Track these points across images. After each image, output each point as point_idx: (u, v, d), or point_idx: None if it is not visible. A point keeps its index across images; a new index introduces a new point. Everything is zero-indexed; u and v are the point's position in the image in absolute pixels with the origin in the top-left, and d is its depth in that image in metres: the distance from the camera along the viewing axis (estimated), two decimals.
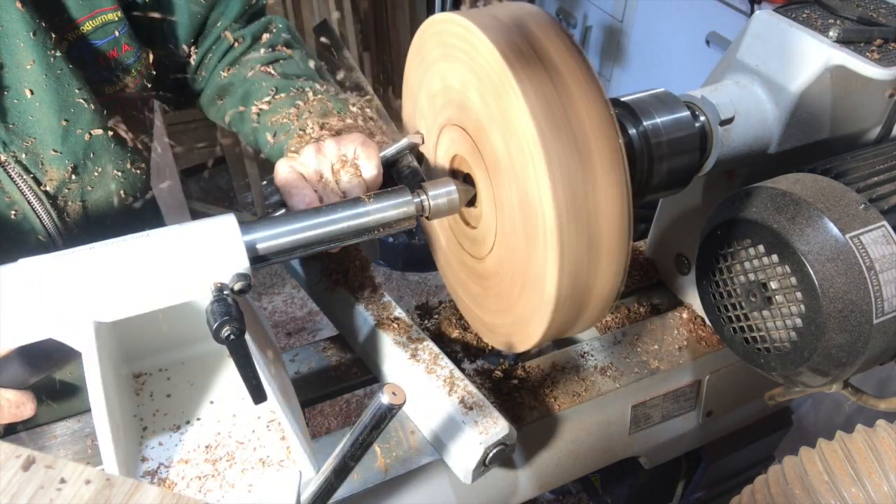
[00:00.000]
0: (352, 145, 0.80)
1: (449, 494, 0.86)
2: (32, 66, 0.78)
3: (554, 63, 0.62)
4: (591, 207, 0.61)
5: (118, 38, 0.87)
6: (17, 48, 0.77)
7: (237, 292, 0.63)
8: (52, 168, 0.83)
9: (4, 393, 0.65)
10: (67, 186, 0.85)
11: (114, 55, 0.87)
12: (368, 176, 0.80)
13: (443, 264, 0.93)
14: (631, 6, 2.99)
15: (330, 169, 0.79)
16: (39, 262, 0.60)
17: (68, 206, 0.87)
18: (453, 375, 0.84)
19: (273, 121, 0.90)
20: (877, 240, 0.70)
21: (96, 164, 0.87)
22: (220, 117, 1.02)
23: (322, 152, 0.80)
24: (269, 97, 0.92)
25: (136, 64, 0.90)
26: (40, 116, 0.80)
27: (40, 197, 0.83)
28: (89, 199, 0.89)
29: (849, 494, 0.67)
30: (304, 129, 0.86)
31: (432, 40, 0.75)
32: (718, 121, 0.82)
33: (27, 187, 0.82)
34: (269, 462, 0.69)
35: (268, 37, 1.01)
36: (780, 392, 0.92)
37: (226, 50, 1.00)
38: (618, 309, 1.11)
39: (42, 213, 0.85)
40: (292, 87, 0.93)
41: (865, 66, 0.79)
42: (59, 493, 0.41)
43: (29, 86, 0.78)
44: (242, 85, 0.96)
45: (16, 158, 0.80)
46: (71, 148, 0.83)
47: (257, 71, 0.96)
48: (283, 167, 0.79)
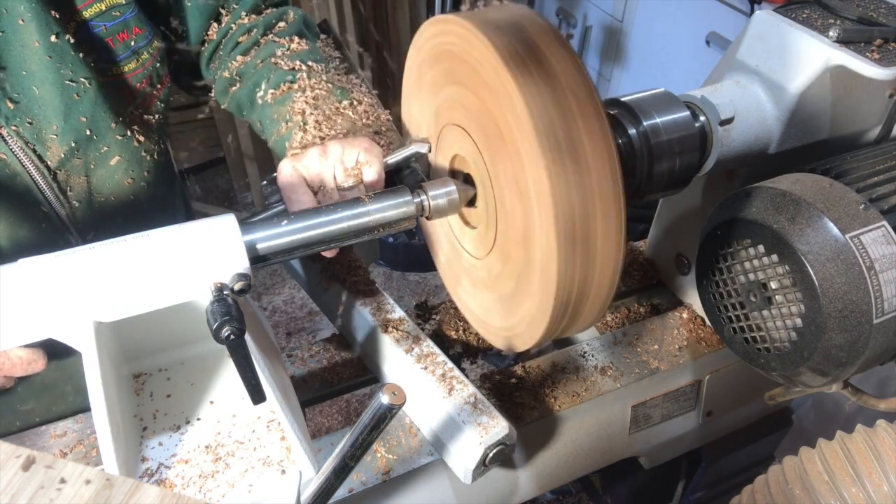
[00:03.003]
0: (356, 150, 0.80)
1: (449, 494, 0.86)
2: (37, 45, 0.79)
3: (552, 65, 0.62)
4: (587, 208, 0.61)
5: (127, 20, 0.88)
6: (21, 27, 0.78)
7: (237, 292, 0.63)
8: (55, 144, 0.85)
9: (17, 350, 0.67)
10: (69, 162, 0.87)
11: (123, 38, 0.88)
12: (369, 181, 0.80)
13: (442, 264, 0.93)
14: (631, 6, 2.99)
15: (332, 173, 0.79)
16: (39, 262, 0.60)
17: (71, 181, 0.89)
18: (453, 375, 0.84)
19: (279, 112, 0.91)
20: (877, 240, 0.70)
21: (100, 143, 0.89)
22: (233, 106, 1.03)
23: (326, 155, 0.80)
24: (278, 88, 0.92)
25: (146, 47, 0.92)
26: (43, 93, 0.82)
27: (42, 171, 0.85)
28: (93, 177, 0.91)
29: (849, 494, 0.67)
30: (306, 124, 0.86)
31: (432, 41, 0.75)
32: (718, 121, 0.82)
33: (29, 161, 0.84)
34: (268, 462, 0.69)
35: (282, 26, 1.01)
36: (780, 392, 0.92)
37: (239, 38, 1.00)
38: (618, 309, 1.11)
39: (45, 186, 0.87)
40: (301, 78, 0.93)
41: (865, 66, 0.79)
42: (59, 493, 0.41)
43: (32, 64, 0.80)
44: (253, 75, 0.97)
45: (18, 133, 0.82)
46: (73, 125, 0.85)
47: (268, 61, 0.96)
48: (286, 167, 0.80)
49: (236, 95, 1.00)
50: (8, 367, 0.67)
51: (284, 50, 0.97)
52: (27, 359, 0.68)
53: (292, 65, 0.94)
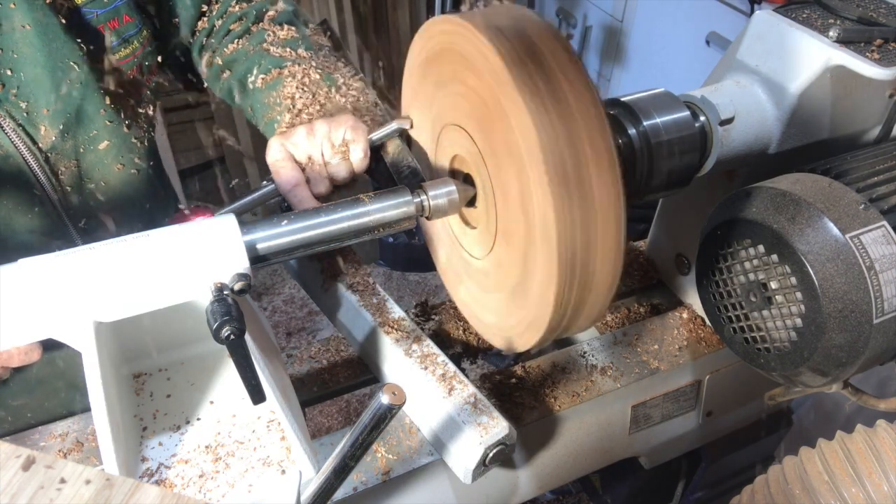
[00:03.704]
0: (342, 128, 0.84)
1: (449, 494, 0.86)
2: (26, 29, 0.81)
3: (551, 65, 0.62)
4: (588, 208, 0.61)
5: (118, 8, 0.90)
6: (11, 11, 0.80)
7: (237, 292, 0.63)
8: (45, 126, 0.86)
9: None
10: (60, 145, 0.88)
11: (114, 25, 0.90)
12: (356, 159, 0.84)
13: (442, 264, 0.93)
14: (631, 6, 2.99)
15: (320, 150, 0.83)
16: (39, 262, 0.60)
17: (61, 164, 0.90)
18: (453, 375, 0.84)
19: (270, 98, 0.94)
20: (877, 240, 0.70)
21: (89, 128, 0.90)
22: (225, 92, 1.05)
23: (313, 133, 0.84)
24: (268, 74, 0.95)
25: (136, 36, 0.94)
26: (34, 75, 0.83)
27: (34, 152, 0.87)
28: (83, 160, 0.92)
29: (849, 494, 0.67)
30: (295, 106, 0.89)
31: (432, 42, 0.75)
32: (718, 121, 0.82)
33: (21, 142, 0.85)
34: (268, 462, 0.69)
35: (273, 14, 1.03)
36: (780, 392, 0.92)
37: (230, 26, 1.02)
38: (618, 309, 1.11)
39: (37, 168, 0.88)
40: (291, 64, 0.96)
41: (865, 66, 0.79)
42: (59, 493, 0.41)
43: (23, 46, 0.82)
44: (245, 61, 0.99)
45: (9, 113, 0.84)
46: (62, 108, 0.87)
47: (259, 48, 0.99)
48: (274, 145, 0.84)
49: (228, 82, 1.02)
50: (5, 358, 0.68)
51: (275, 37, 1.00)
52: (24, 349, 0.68)
53: (283, 52, 0.97)
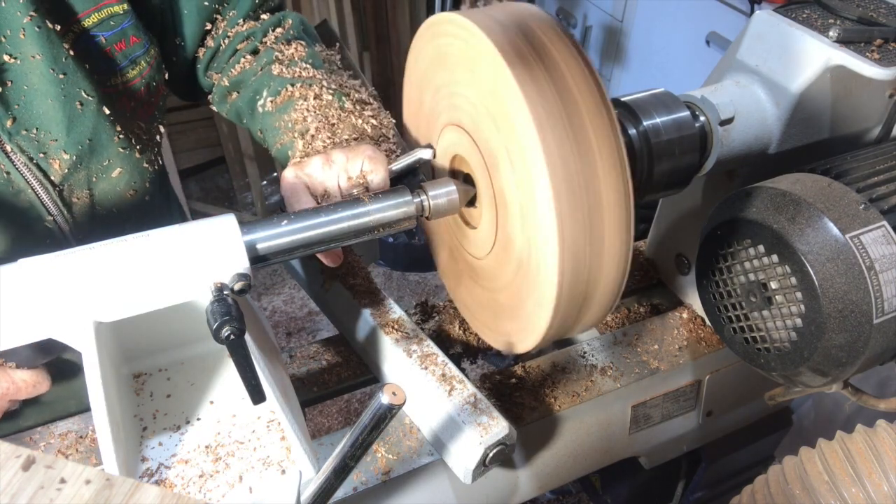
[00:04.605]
0: (360, 158, 0.79)
1: (449, 494, 0.86)
2: (37, 59, 0.78)
3: (555, 63, 0.62)
4: (592, 208, 0.61)
5: (125, 30, 0.87)
6: (22, 41, 0.77)
7: (237, 292, 0.63)
8: (57, 158, 0.84)
9: (20, 374, 0.68)
10: (72, 176, 0.86)
11: (121, 47, 0.87)
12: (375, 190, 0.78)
13: (442, 264, 0.93)
14: (631, 6, 2.99)
15: (336, 182, 0.78)
16: (39, 262, 0.60)
17: (74, 196, 0.88)
18: (453, 375, 0.84)
19: (280, 122, 0.89)
20: (877, 240, 0.70)
21: (102, 156, 0.88)
22: (233, 115, 1.01)
23: (330, 163, 0.79)
24: (278, 96, 0.91)
25: (144, 56, 0.90)
26: (45, 108, 0.81)
27: (45, 186, 0.84)
28: (96, 190, 0.90)
29: (849, 494, 0.67)
30: (308, 132, 0.85)
31: (432, 41, 0.75)
32: (718, 121, 0.82)
33: (32, 176, 0.83)
34: (269, 462, 0.69)
35: (280, 32, 0.99)
36: (780, 392, 0.92)
37: (237, 46, 0.99)
38: (618, 309, 1.11)
39: (48, 201, 0.85)
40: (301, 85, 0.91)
41: (865, 66, 0.79)
42: (59, 493, 0.41)
43: (34, 78, 0.79)
44: (253, 83, 0.95)
45: (20, 148, 0.81)
46: (75, 139, 0.84)
47: (268, 69, 0.94)
48: (290, 174, 0.79)
49: (236, 104, 0.98)
50: (13, 392, 0.67)
51: (283, 56, 0.95)
52: (31, 381, 0.68)
53: (292, 72, 0.93)
